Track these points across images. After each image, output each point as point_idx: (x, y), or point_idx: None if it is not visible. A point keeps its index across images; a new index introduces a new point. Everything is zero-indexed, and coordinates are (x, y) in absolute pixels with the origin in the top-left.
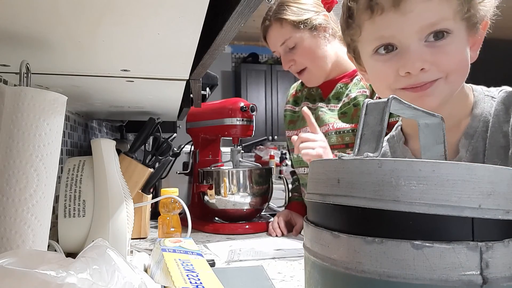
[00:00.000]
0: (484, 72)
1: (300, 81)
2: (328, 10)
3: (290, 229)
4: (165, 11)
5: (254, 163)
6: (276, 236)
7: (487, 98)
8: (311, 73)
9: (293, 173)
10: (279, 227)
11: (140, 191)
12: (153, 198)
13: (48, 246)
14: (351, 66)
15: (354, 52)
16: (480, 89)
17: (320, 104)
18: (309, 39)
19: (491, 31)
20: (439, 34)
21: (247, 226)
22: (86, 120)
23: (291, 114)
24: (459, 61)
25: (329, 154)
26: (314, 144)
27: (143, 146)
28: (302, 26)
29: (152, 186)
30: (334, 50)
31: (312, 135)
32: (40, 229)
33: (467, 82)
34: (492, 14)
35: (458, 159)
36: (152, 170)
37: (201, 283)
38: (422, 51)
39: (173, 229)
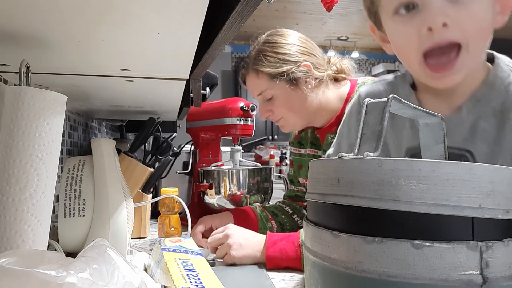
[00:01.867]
0: None
1: None
2: (328, 9)
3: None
4: (165, 11)
5: (254, 162)
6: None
7: (507, 68)
8: (287, 122)
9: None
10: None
11: (140, 190)
12: (153, 197)
13: (48, 245)
14: (335, 107)
15: (375, 18)
16: (504, 58)
17: (322, 154)
18: (286, 92)
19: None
20: None
21: None
22: (86, 119)
23: (298, 158)
24: (481, 21)
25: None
26: (224, 245)
27: (143, 146)
28: (278, 79)
29: (152, 186)
30: (317, 99)
31: (218, 235)
32: (40, 228)
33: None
34: None
35: (458, 117)
36: (152, 169)
37: (201, 282)
38: (444, 5)
39: (173, 229)
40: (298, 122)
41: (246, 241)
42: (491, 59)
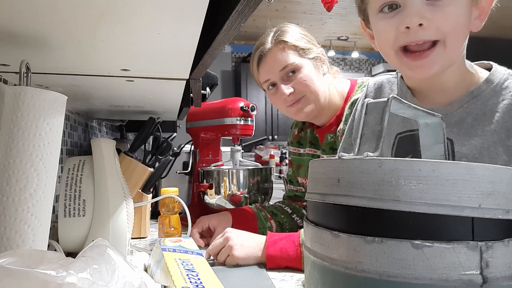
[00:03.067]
0: None
1: None
2: (328, 9)
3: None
4: (165, 11)
5: (254, 162)
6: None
7: (505, 72)
8: (308, 101)
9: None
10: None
11: (140, 190)
12: (153, 197)
13: (48, 245)
14: (337, 104)
15: (363, 15)
16: (501, 67)
17: (321, 155)
18: (309, 67)
19: (492, 31)
20: None
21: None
22: (86, 119)
23: (297, 158)
24: (456, 22)
25: (240, 246)
26: (223, 249)
27: (143, 146)
28: (304, 54)
29: (152, 186)
30: (328, 85)
31: (217, 241)
32: (40, 228)
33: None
34: None
35: (448, 110)
36: (152, 169)
37: (201, 282)
38: (422, 8)
39: (173, 229)
40: (317, 102)
41: (246, 241)
42: (489, 68)
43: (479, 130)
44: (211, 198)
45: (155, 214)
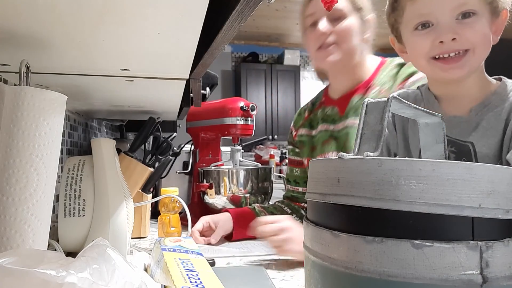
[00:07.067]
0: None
1: (310, 102)
2: (328, 9)
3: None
4: (165, 11)
5: (254, 162)
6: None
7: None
8: (337, 50)
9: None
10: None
11: (140, 190)
12: (153, 197)
13: (48, 245)
14: (361, 75)
15: (396, 32)
16: (510, 80)
17: (342, 124)
18: (355, 23)
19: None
20: (466, 14)
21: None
22: (86, 119)
23: (309, 140)
24: (483, 35)
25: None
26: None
27: (143, 146)
28: (357, 9)
29: (152, 186)
30: (362, 50)
31: (273, 220)
32: (40, 228)
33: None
34: (510, 5)
35: (467, 117)
36: (152, 169)
37: (201, 282)
38: (454, 25)
39: (173, 229)
40: (345, 56)
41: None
42: (499, 79)
43: (493, 131)
44: (211, 198)
45: (155, 214)
